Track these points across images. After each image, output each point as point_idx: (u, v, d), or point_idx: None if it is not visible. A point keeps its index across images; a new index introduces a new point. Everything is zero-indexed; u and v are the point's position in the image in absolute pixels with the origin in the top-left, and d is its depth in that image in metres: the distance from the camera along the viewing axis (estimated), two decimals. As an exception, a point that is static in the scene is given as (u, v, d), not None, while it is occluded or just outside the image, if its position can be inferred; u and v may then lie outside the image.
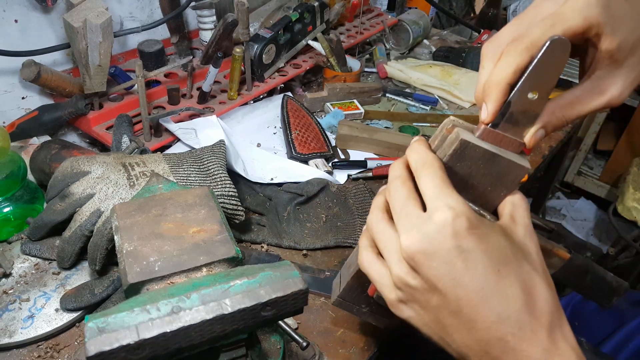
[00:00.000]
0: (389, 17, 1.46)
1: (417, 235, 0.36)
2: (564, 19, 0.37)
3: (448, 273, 0.35)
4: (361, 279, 0.52)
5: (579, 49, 0.42)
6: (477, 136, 0.41)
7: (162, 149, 0.91)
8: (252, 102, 1.07)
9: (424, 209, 0.38)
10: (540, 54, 0.36)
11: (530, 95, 0.38)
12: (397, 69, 1.28)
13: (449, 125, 0.42)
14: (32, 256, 0.68)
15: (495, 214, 0.43)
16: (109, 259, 0.64)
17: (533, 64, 0.37)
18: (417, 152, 0.41)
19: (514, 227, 0.40)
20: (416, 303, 0.39)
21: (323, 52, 1.15)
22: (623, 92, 0.40)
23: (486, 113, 0.39)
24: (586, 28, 0.37)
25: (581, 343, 0.52)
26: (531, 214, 0.53)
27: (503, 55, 0.38)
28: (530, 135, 0.40)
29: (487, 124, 0.40)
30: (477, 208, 0.42)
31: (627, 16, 0.38)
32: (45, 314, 0.61)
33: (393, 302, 0.41)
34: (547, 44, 0.36)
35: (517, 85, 0.38)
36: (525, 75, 0.37)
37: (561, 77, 1.27)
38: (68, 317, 0.61)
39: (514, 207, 0.41)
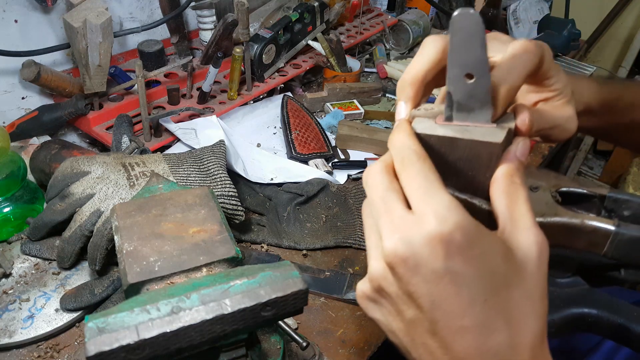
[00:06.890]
0: (389, 17, 1.46)
1: (401, 243, 0.31)
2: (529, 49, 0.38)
3: (430, 293, 0.31)
4: None
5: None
6: (437, 122, 0.36)
7: (162, 149, 0.91)
8: (252, 102, 1.07)
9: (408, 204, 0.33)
10: (450, 33, 0.32)
11: (466, 80, 0.33)
12: (397, 69, 1.28)
13: (411, 117, 0.38)
14: (32, 256, 0.68)
15: (488, 197, 0.37)
16: (109, 259, 0.64)
17: (449, 46, 0.33)
18: (398, 140, 0.35)
19: (516, 235, 0.32)
20: (387, 308, 0.35)
21: (323, 52, 1.15)
22: (575, 123, 0.44)
23: (398, 110, 0.37)
24: (540, 58, 0.38)
25: None
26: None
27: (419, 50, 0.37)
28: (521, 120, 0.36)
29: (408, 121, 0.37)
30: (465, 197, 0.37)
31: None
32: (45, 314, 0.61)
33: (361, 295, 0.36)
34: (453, 18, 0.32)
35: (447, 73, 0.34)
36: (448, 60, 0.33)
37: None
38: (68, 317, 0.61)
39: (511, 200, 0.33)
